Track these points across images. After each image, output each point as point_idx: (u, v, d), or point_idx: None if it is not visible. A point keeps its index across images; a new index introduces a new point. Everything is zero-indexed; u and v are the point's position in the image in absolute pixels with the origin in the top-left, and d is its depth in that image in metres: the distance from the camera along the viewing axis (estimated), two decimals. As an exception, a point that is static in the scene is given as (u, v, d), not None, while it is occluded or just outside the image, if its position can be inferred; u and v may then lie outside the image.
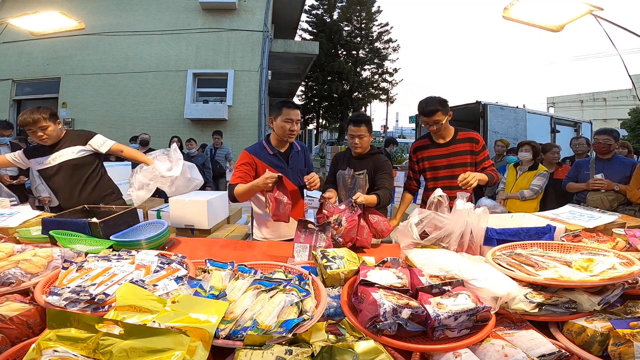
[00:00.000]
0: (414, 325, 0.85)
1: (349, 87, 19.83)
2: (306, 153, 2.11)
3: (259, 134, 7.98)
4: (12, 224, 1.73)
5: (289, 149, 2.01)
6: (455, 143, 2.10)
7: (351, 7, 20.08)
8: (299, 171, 2.02)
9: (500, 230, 1.41)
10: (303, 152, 2.08)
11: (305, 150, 2.11)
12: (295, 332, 0.80)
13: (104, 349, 0.67)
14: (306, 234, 1.58)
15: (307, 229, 1.59)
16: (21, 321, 0.86)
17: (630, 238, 1.36)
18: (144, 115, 7.89)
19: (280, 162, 1.95)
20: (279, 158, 1.95)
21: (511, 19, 2.48)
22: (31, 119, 2.00)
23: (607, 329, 0.82)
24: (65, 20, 2.97)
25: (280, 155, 1.96)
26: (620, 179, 2.75)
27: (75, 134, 2.24)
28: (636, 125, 16.10)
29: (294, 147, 2.03)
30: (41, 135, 2.04)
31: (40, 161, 2.12)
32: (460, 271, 1.04)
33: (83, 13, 7.10)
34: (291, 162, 1.99)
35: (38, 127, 2.02)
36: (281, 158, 1.96)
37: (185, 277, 1.07)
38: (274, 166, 1.91)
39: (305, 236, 1.57)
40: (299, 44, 9.32)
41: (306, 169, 2.07)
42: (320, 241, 1.56)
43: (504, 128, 6.29)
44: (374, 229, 1.77)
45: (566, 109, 23.87)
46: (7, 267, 1.09)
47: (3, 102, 8.18)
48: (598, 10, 2.28)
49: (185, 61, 8.07)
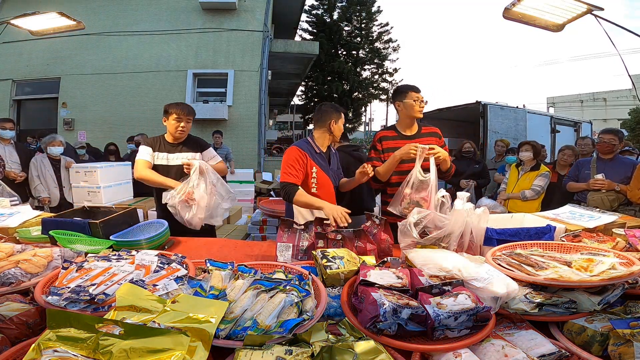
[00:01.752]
0: (414, 325, 0.84)
1: (349, 87, 19.82)
2: (337, 155, 2.20)
3: (259, 134, 7.98)
4: (12, 224, 1.73)
5: (328, 150, 2.09)
6: (421, 136, 2.08)
7: (351, 7, 20.06)
8: (336, 172, 2.09)
9: (500, 230, 1.42)
10: (335, 154, 2.17)
11: (337, 153, 2.20)
12: (295, 332, 0.80)
13: (104, 349, 0.67)
14: (289, 233, 1.56)
15: (290, 228, 1.58)
16: (21, 321, 0.86)
17: (630, 238, 1.36)
18: (144, 115, 7.87)
19: (324, 162, 2.00)
20: (322, 157, 2.00)
21: (511, 19, 2.48)
22: (187, 110, 2.12)
23: (607, 329, 0.82)
24: (65, 20, 2.97)
25: (324, 154, 2.02)
26: (621, 179, 2.75)
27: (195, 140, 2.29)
28: (636, 125, 16.11)
29: (331, 148, 2.12)
30: (184, 127, 2.10)
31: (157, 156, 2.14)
32: (460, 271, 1.04)
33: (83, 13, 7.10)
34: (331, 162, 2.07)
35: (187, 117, 2.11)
36: (324, 157, 2.02)
37: (185, 277, 1.07)
38: (319, 165, 1.96)
39: (288, 236, 1.55)
40: (299, 44, 9.31)
41: (339, 170, 2.15)
42: (303, 240, 1.53)
43: (504, 128, 6.28)
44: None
45: (566, 109, 23.86)
46: (7, 267, 1.09)
47: (3, 102, 8.17)
48: (598, 10, 2.28)
49: (185, 61, 8.06)
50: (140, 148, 2.14)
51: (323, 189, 1.94)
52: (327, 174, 1.97)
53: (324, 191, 1.94)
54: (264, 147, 8.52)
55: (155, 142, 2.17)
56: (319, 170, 1.93)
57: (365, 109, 23.59)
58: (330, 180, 1.98)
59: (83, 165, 3.80)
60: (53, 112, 8.18)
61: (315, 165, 1.93)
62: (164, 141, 2.18)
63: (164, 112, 2.13)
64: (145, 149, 2.12)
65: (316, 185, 1.94)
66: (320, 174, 1.94)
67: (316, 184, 1.93)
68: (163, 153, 2.14)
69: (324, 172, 1.96)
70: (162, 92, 7.96)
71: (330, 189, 1.99)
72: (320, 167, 1.95)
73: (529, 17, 2.51)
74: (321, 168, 1.95)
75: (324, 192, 1.93)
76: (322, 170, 1.95)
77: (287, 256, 1.47)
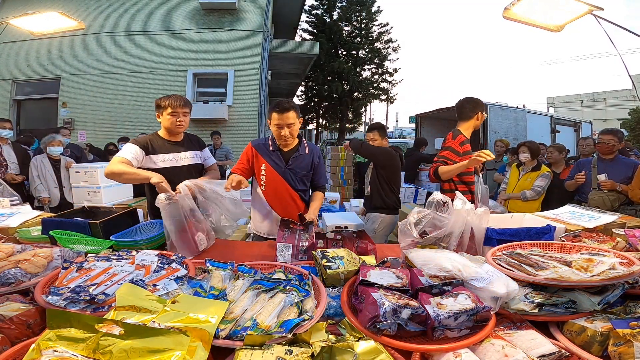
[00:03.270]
0: (414, 325, 0.84)
1: (349, 87, 19.80)
2: (315, 158, 2.03)
3: (259, 134, 7.97)
4: (12, 224, 1.72)
5: (293, 150, 1.97)
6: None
7: (351, 7, 20.04)
8: (299, 173, 1.97)
9: (500, 230, 1.42)
10: (312, 156, 2.01)
11: (315, 155, 2.03)
12: (295, 332, 0.80)
13: (104, 349, 0.67)
14: (289, 233, 1.58)
15: (290, 228, 1.59)
16: (21, 321, 0.85)
17: (630, 238, 1.36)
18: (144, 115, 7.86)
19: (279, 161, 1.94)
20: (278, 156, 1.94)
21: (511, 19, 2.48)
22: (183, 101, 1.93)
23: (607, 329, 0.82)
24: (65, 20, 2.97)
25: (281, 154, 1.95)
26: (621, 179, 2.75)
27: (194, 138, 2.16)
28: (636, 125, 16.09)
29: (300, 149, 1.98)
30: (181, 121, 1.93)
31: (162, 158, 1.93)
32: (460, 271, 1.04)
33: (83, 13, 7.09)
34: (292, 162, 1.95)
35: (184, 111, 1.93)
36: (281, 157, 1.95)
37: (185, 277, 1.07)
38: (271, 162, 1.93)
39: (288, 236, 1.56)
40: (299, 44, 9.30)
41: (310, 172, 2.01)
42: (303, 241, 1.54)
43: (504, 128, 6.28)
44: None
45: (566, 109, 23.85)
46: (7, 267, 1.09)
47: (3, 102, 8.16)
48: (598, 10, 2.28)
49: (185, 61, 8.06)
50: (125, 145, 1.86)
51: (271, 186, 1.93)
52: (279, 173, 1.92)
53: (272, 189, 1.93)
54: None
55: (152, 142, 1.92)
56: (268, 167, 1.92)
57: (365, 109, 23.58)
58: (282, 179, 1.92)
59: (83, 165, 3.81)
60: (53, 112, 8.17)
61: (265, 162, 1.92)
62: (162, 140, 1.96)
63: (157, 107, 1.93)
64: (131, 147, 1.83)
65: (264, 183, 1.94)
66: (271, 171, 1.92)
67: (265, 180, 1.93)
68: (168, 154, 1.94)
69: (276, 171, 1.92)
70: (162, 92, 7.80)
71: (281, 187, 1.93)
72: (272, 164, 1.92)
73: (528, 17, 2.51)
74: (272, 166, 1.92)
75: (271, 190, 1.93)
76: (273, 169, 1.92)
77: (287, 256, 1.47)
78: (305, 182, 2.01)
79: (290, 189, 1.95)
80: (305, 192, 2.04)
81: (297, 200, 1.98)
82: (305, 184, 2.02)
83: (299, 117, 1.88)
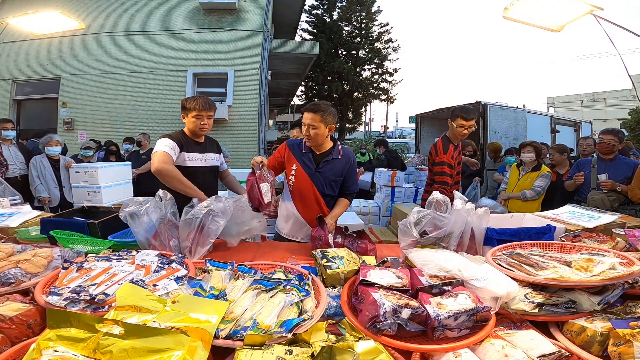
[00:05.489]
0: (414, 325, 0.85)
1: (349, 87, 19.83)
2: (349, 164, 1.97)
3: (259, 134, 7.97)
4: (12, 224, 1.72)
5: (325, 153, 1.94)
6: None
7: (351, 7, 20.06)
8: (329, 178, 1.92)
9: (500, 230, 1.42)
10: (345, 161, 1.96)
11: (348, 162, 1.97)
12: (295, 332, 0.80)
13: (104, 349, 0.67)
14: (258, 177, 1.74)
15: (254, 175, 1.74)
16: (21, 321, 0.85)
17: (630, 238, 1.36)
18: (144, 115, 7.87)
19: (310, 162, 1.92)
20: (310, 158, 1.93)
21: (511, 19, 2.48)
22: (208, 104, 1.92)
23: (607, 329, 0.82)
24: (65, 20, 2.97)
25: (313, 157, 1.93)
26: (621, 179, 2.75)
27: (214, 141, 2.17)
28: (636, 125, 16.08)
29: (333, 153, 1.93)
30: (205, 124, 1.93)
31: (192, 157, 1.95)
32: (460, 271, 1.04)
33: (83, 13, 7.09)
34: (323, 165, 1.91)
35: (208, 114, 1.93)
36: (312, 159, 1.93)
37: (185, 277, 1.07)
38: (301, 163, 1.92)
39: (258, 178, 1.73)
40: (299, 44, 9.30)
41: (340, 178, 1.95)
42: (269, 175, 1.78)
43: (504, 128, 6.28)
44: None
45: (566, 109, 23.84)
46: (7, 267, 1.09)
47: (3, 102, 8.16)
48: (598, 10, 2.28)
49: (185, 61, 8.06)
50: (163, 140, 1.84)
51: (298, 187, 1.93)
52: (308, 175, 1.90)
53: (299, 190, 1.93)
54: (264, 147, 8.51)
55: (183, 140, 1.92)
56: (299, 168, 1.91)
57: (365, 109, 23.61)
58: (310, 181, 1.90)
59: (83, 165, 3.80)
60: (53, 112, 8.17)
61: (296, 163, 1.92)
62: (189, 140, 1.97)
63: (182, 108, 1.94)
64: (169, 142, 1.83)
65: (293, 183, 1.93)
66: (301, 172, 1.91)
67: (294, 181, 1.93)
68: (197, 154, 1.95)
69: (306, 172, 1.90)
70: (162, 92, 7.96)
71: (308, 189, 1.91)
72: (302, 166, 1.91)
73: (528, 17, 2.51)
74: (302, 167, 1.91)
75: (298, 191, 1.93)
76: (303, 170, 1.90)
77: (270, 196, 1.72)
78: (334, 187, 1.95)
79: (317, 192, 1.91)
80: (334, 197, 1.99)
81: (323, 205, 1.93)
82: (334, 189, 1.96)
83: (324, 121, 1.81)
